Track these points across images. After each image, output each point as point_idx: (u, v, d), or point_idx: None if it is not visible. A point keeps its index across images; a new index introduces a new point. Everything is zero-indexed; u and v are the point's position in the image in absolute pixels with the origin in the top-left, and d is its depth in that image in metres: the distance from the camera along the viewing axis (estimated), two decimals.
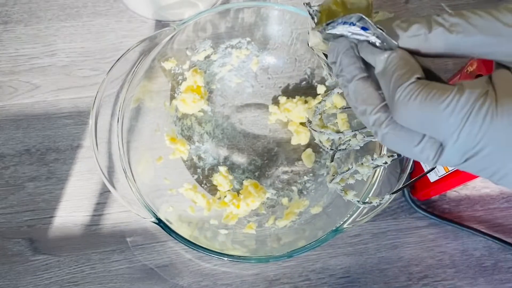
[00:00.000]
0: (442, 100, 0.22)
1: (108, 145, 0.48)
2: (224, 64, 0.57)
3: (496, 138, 0.22)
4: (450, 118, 0.22)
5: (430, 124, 0.23)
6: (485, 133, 0.22)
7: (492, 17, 0.23)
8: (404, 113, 0.23)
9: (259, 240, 0.50)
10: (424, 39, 0.24)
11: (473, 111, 0.22)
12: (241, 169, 0.54)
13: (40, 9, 0.60)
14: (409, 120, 0.24)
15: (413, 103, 0.23)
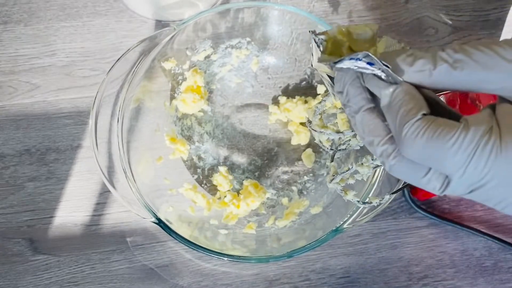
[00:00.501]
0: (448, 138, 0.23)
1: (108, 145, 0.48)
2: (224, 64, 0.57)
3: (500, 172, 0.23)
4: (457, 155, 0.23)
5: (436, 160, 0.24)
6: (490, 169, 0.23)
7: (494, 53, 0.24)
8: (411, 149, 0.24)
9: (259, 240, 0.50)
10: (428, 75, 0.24)
11: (479, 148, 0.23)
12: (241, 169, 0.54)
13: (40, 9, 0.60)
14: (416, 156, 0.24)
15: (420, 140, 0.23)
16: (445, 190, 0.25)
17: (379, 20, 0.61)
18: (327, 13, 0.62)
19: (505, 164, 0.23)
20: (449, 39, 0.61)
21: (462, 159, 0.23)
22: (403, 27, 0.62)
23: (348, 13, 0.62)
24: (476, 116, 0.24)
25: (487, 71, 0.24)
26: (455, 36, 0.61)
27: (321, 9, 0.62)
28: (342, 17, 0.62)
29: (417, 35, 0.61)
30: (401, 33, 0.61)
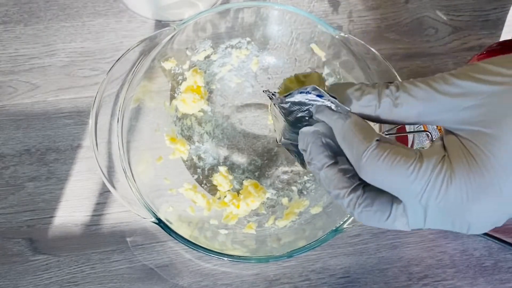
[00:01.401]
0: (407, 166, 0.25)
1: (108, 145, 0.48)
2: (224, 64, 0.57)
3: (452, 199, 0.24)
4: (413, 184, 0.25)
5: (396, 188, 0.25)
6: (444, 196, 0.24)
7: (429, 88, 0.25)
8: (372, 175, 0.26)
9: (259, 240, 0.50)
10: (374, 110, 0.27)
11: (432, 179, 0.24)
12: (241, 169, 0.54)
13: (40, 9, 0.60)
14: (377, 182, 0.26)
15: (380, 168, 0.25)
16: (410, 225, 0.27)
17: (379, 20, 0.61)
18: (327, 13, 0.62)
19: (455, 191, 0.24)
20: (449, 39, 0.61)
21: (418, 187, 0.25)
22: (403, 27, 0.62)
23: (348, 13, 0.62)
24: (429, 148, 0.26)
25: (424, 105, 0.25)
26: (455, 36, 0.61)
27: (321, 9, 0.62)
28: (342, 17, 0.62)
29: (417, 35, 0.61)
30: (401, 33, 0.61)
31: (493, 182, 0.23)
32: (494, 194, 0.24)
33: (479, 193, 0.24)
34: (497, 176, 0.23)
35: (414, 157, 0.25)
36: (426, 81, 0.26)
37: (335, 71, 0.54)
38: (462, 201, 0.24)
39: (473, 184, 0.24)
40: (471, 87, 0.24)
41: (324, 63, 0.54)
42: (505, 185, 0.23)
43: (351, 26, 0.61)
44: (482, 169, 0.24)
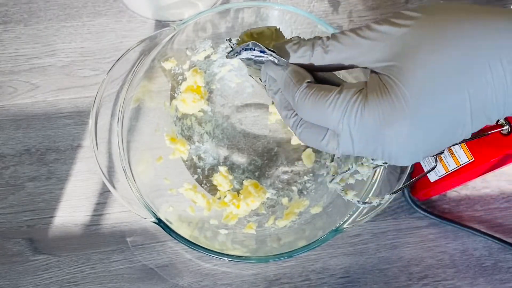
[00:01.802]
0: (326, 99, 0.28)
1: (108, 145, 0.48)
2: (224, 64, 0.57)
3: (369, 125, 0.27)
4: (333, 114, 0.28)
5: (322, 119, 0.29)
6: (360, 122, 0.28)
7: (355, 34, 0.29)
8: (303, 111, 0.30)
9: (259, 240, 0.50)
10: (309, 58, 0.31)
11: (348, 107, 0.28)
12: (241, 169, 0.54)
13: (40, 9, 0.60)
14: (308, 116, 0.30)
15: (308, 103, 0.29)
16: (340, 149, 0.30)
17: None
18: (327, 13, 0.62)
19: (368, 119, 0.27)
20: None
21: (337, 116, 0.28)
22: None
23: (348, 13, 0.62)
24: (352, 83, 0.29)
25: (349, 49, 0.29)
26: None
27: (321, 9, 0.62)
28: (342, 17, 0.62)
29: None
30: None
31: (402, 107, 0.26)
32: (403, 117, 0.26)
33: (390, 116, 0.27)
34: (406, 101, 0.26)
35: (335, 90, 0.28)
36: (353, 29, 0.29)
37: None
38: (376, 126, 0.27)
39: (384, 110, 0.27)
40: (388, 30, 0.28)
41: None
42: (414, 110, 0.26)
43: (351, 26, 0.61)
44: (392, 96, 0.27)
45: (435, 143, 0.28)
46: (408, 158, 0.28)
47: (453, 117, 0.27)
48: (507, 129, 0.37)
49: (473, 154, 0.42)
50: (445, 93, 0.26)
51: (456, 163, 0.44)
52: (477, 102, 0.26)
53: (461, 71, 0.26)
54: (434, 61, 0.26)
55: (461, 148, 0.43)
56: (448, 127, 0.27)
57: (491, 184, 0.55)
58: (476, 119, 0.27)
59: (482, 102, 0.26)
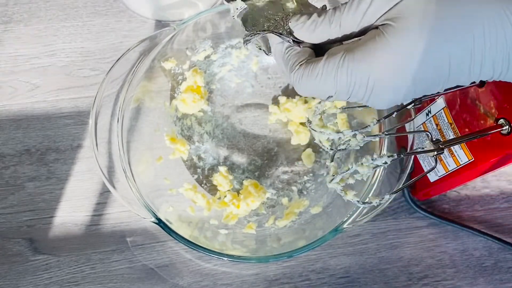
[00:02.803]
0: (316, 72, 0.31)
1: (108, 145, 0.48)
2: (224, 64, 0.57)
3: (358, 79, 0.30)
4: (325, 86, 0.31)
5: (317, 91, 0.31)
6: (350, 79, 0.30)
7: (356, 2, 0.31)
8: (299, 89, 0.32)
9: (259, 240, 0.50)
10: (329, 25, 0.32)
11: (338, 70, 0.30)
12: (241, 169, 0.54)
13: (40, 9, 0.60)
14: (305, 93, 0.32)
15: (302, 81, 0.32)
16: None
17: None
18: None
19: (360, 71, 0.30)
20: None
21: (330, 86, 0.31)
22: None
23: None
24: (336, 47, 0.31)
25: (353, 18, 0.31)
26: None
27: None
28: None
29: None
30: None
31: (393, 41, 0.29)
32: (388, 52, 0.29)
33: (383, 51, 0.29)
34: (400, 37, 0.29)
35: (322, 59, 0.31)
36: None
37: None
38: (360, 82, 0.30)
39: (377, 46, 0.29)
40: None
41: None
42: (408, 44, 0.28)
43: None
44: (387, 35, 0.29)
45: (421, 82, 0.29)
46: (389, 97, 0.30)
47: (444, 59, 0.28)
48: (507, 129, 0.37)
49: (473, 154, 0.42)
50: (441, 35, 0.28)
51: (456, 163, 0.44)
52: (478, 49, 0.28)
53: (462, 16, 0.28)
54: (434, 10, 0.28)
55: (461, 148, 0.43)
56: (436, 67, 0.29)
57: (491, 184, 0.55)
58: (476, 64, 0.29)
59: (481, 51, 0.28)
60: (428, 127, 0.48)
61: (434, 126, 0.46)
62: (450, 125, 0.44)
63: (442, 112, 0.45)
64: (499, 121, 0.38)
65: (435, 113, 0.46)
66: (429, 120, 0.47)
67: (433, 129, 0.47)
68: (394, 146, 0.49)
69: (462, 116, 0.43)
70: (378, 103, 0.31)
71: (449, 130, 0.44)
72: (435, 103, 0.46)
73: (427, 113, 0.47)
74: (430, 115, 0.47)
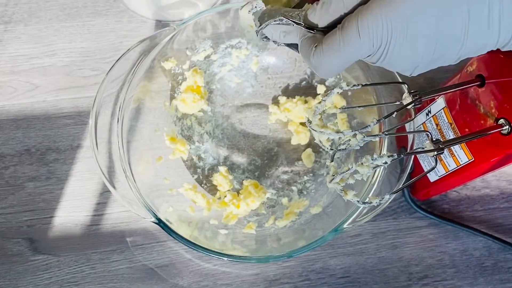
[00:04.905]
0: (336, 40, 0.30)
1: (108, 145, 0.48)
2: (224, 64, 0.57)
3: (379, 33, 0.29)
4: (350, 43, 0.30)
5: (341, 59, 0.31)
6: (372, 33, 0.29)
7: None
8: (325, 70, 0.32)
9: (259, 240, 0.50)
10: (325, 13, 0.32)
11: (359, 27, 0.29)
12: (241, 169, 0.54)
13: (40, 9, 0.60)
14: (332, 72, 0.33)
15: (325, 61, 0.31)
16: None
17: None
18: None
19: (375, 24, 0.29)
20: None
21: (354, 42, 0.30)
22: None
23: None
24: (346, 18, 0.31)
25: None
26: None
27: None
28: None
29: None
30: None
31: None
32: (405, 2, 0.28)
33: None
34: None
35: (336, 33, 0.30)
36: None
37: None
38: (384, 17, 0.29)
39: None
40: None
41: None
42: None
43: None
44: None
45: (440, 37, 0.29)
46: (408, 49, 0.29)
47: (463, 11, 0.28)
48: (507, 129, 0.37)
49: (473, 154, 0.42)
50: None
51: (456, 163, 0.44)
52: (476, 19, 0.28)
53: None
54: None
55: (461, 148, 0.43)
56: (455, 21, 0.28)
57: (491, 184, 0.55)
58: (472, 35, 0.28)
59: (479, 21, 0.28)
60: (428, 127, 0.48)
61: (434, 126, 0.46)
62: (450, 125, 0.44)
63: (442, 112, 0.45)
64: (499, 121, 0.38)
65: (435, 113, 0.46)
66: (429, 120, 0.47)
67: (433, 129, 0.47)
68: (394, 146, 0.49)
69: (462, 116, 0.43)
70: (398, 60, 0.31)
71: (449, 130, 0.44)
72: (435, 103, 0.46)
73: (427, 113, 0.47)
74: (430, 115, 0.47)
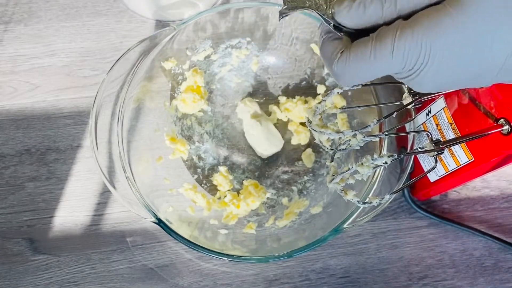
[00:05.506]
0: (367, 51, 0.28)
1: (108, 145, 0.48)
2: (224, 64, 0.57)
3: (415, 54, 0.27)
4: (382, 59, 0.28)
5: (368, 73, 0.29)
6: (408, 53, 0.27)
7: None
8: (346, 80, 0.29)
9: (259, 240, 0.50)
10: (362, 15, 0.29)
11: (395, 44, 0.27)
12: (241, 169, 0.54)
13: (40, 9, 0.60)
14: (353, 82, 0.30)
15: (348, 70, 0.29)
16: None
17: None
18: None
19: (415, 44, 0.27)
20: None
21: (386, 61, 0.27)
22: None
23: None
24: (382, 29, 0.28)
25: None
26: None
27: None
28: None
29: None
30: None
31: (453, 17, 0.26)
32: (451, 26, 0.26)
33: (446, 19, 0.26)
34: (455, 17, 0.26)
35: (370, 39, 0.28)
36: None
37: None
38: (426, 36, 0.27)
39: (433, 21, 0.26)
40: None
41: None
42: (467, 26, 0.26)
43: None
44: (450, 8, 0.26)
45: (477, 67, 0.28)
46: (443, 72, 0.28)
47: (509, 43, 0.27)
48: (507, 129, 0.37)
49: (473, 154, 0.42)
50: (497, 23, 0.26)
51: (456, 163, 0.44)
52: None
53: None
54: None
55: (461, 148, 0.43)
56: (497, 52, 0.27)
57: (491, 184, 0.55)
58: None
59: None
60: (428, 127, 0.48)
61: (434, 126, 0.46)
62: (450, 125, 0.44)
63: (442, 112, 0.45)
64: (499, 121, 0.38)
65: (435, 113, 0.46)
66: (429, 120, 0.47)
67: (433, 129, 0.47)
68: (394, 146, 0.49)
69: (462, 116, 0.43)
70: (427, 84, 0.29)
71: (449, 130, 0.44)
72: (435, 103, 0.46)
73: (427, 113, 0.47)
74: (430, 115, 0.47)
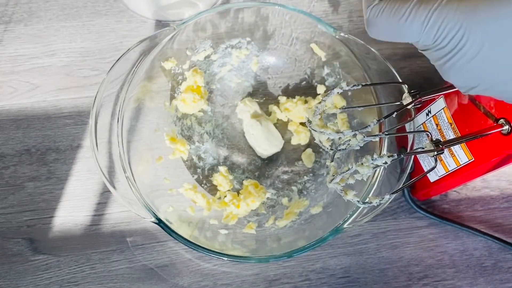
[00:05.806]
0: (402, 12, 0.26)
1: (108, 145, 0.48)
2: (224, 64, 0.57)
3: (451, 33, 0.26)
4: (412, 25, 0.27)
5: (396, 34, 0.28)
6: (442, 30, 0.26)
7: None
8: (374, 29, 0.28)
9: (259, 240, 0.50)
10: None
11: (433, 15, 0.26)
12: (241, 169, 0.54)
13: (40, 9, 0.60)
14: (380, 35, 0.28)
15: (380, 20, 0.28)
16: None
17: None
18: (327, 13, 0.62)
19: (453, 22, 0.26)
20: None
21: (417, 28, 0.26)
22: None
23: (348, 13, 0.62)
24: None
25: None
26: None
27: (321, 9, 0.62)
28: (342, 17, 0.62)
29: None
30: None
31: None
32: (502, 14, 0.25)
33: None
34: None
35: (410, 2, 0.26)
36: None
37: (335, 71, 0.54)
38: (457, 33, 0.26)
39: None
40: None
41: (324, 63, 0.54)
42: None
43: (351, 26, 0.61)
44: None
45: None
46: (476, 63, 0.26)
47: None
48: (507, 129, 0.37)
49: (473, 154, 0.42)
50: None
51: (456, 163, 0.44)
52: None
53: None
54: None
55: (461, 148, 0.43)
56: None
57: (491, 184, 0.55)
58: None
59: None
60: (428, 127, 0.48)
61: (434, 126, 0.46)
62: (450, 125, 0.44)
63: (442, 112, 0.45)
64: (499, 121, 0.38)
65: (435, 113, 0.46)
66: (429, 120, 0.47)
67: (433, 129, 0.47)
68: (394, 146, 0.49)
69: (462, 116, 0.43)
70: (454, 72, 0.28)
71: (449, 130, 0.44)
72: (435, 103, 0.46)
73: (427, 113, 0.47)
74: (430, 115, 0.47)
